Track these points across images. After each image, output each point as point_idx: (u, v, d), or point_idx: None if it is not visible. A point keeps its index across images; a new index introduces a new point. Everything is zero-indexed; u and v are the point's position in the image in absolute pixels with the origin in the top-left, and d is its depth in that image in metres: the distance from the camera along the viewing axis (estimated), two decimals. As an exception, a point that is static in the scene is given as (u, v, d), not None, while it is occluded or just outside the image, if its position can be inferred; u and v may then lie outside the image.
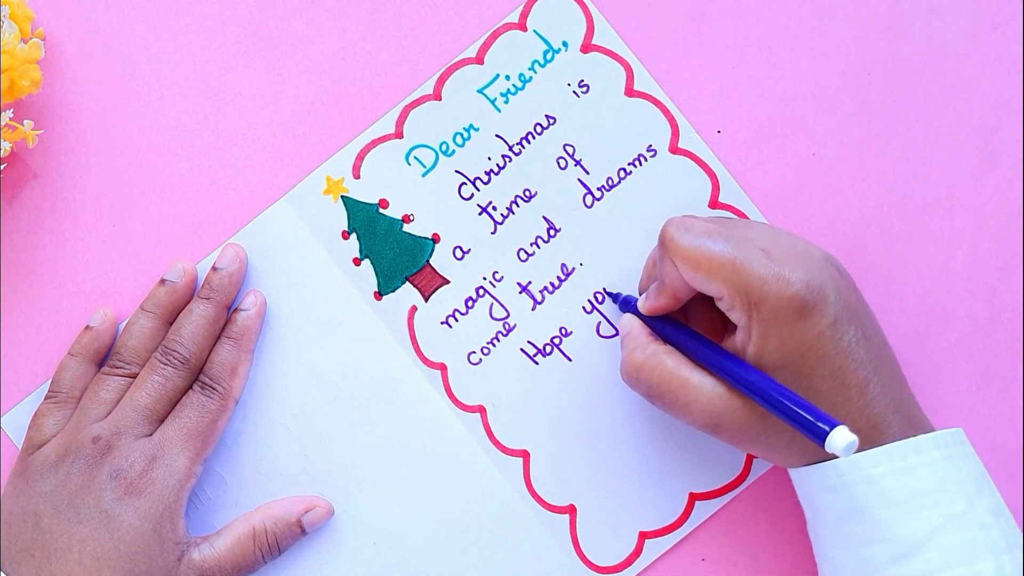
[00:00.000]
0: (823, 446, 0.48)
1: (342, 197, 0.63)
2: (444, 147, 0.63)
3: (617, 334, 0.63)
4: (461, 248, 0.63)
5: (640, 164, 0.63)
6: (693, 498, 0.63)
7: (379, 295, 0.63)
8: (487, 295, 0.63)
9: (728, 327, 0.57)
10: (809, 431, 0.49)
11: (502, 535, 0.62)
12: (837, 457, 0.53)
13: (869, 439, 0.53)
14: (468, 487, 0.63)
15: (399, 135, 0.63)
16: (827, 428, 0.48)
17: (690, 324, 0.59)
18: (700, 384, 0.54)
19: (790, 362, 0.53)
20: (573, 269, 0.63)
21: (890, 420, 0.53)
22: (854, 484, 0.53)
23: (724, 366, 0.54)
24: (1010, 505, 0.62)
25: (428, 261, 0.63)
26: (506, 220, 0.63)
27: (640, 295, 0.60)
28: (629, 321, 0.59)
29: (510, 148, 0.63)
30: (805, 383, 0.53)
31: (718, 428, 0.54)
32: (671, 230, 0.55)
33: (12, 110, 0.61)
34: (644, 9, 0.63)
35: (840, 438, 0.48)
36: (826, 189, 0.63)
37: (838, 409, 0.53)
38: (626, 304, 0.61)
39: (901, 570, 0.52)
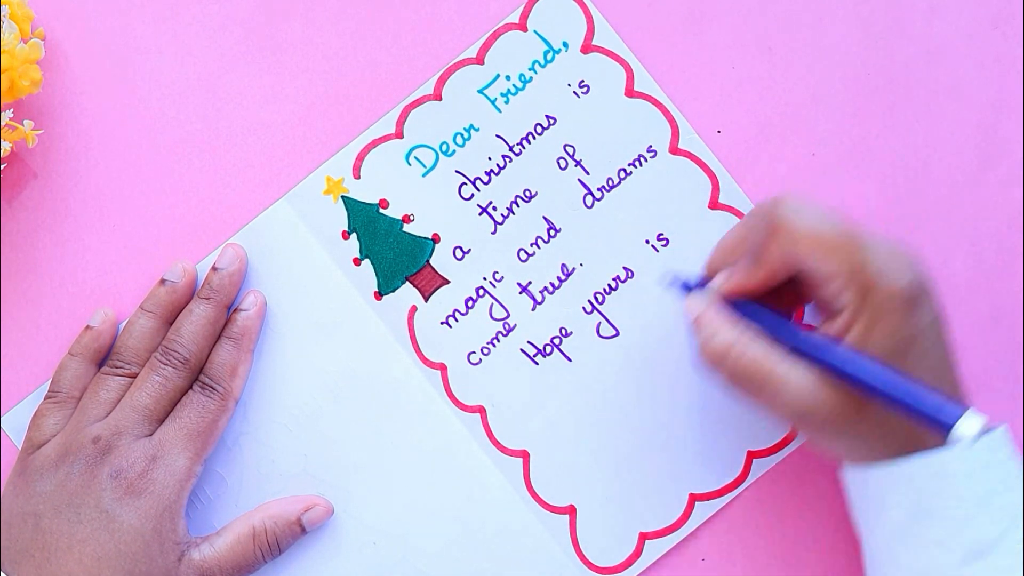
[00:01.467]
0: (946, 432, 0.48)
1: (342, 197, 0.63)
2: (444, 147, 0.63)
3: (616, 335, 0.63)
4: (461, 248, 0.63)
5: (640, 164, 0.63)
6: (693, 499, 0.63)
7: (379, 295, 0.63)
8: (487, 295, 0.63)
9: (813, 315, 0.56)
10: (931, 418, 0.48)
11: (502, 535, 0.62)
12: (913, 455, 0.52)
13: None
14: (468, 487, 0.63)
15: (399, 135, 0.63)
16: (959, 411, 0.48)
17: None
18: (789, 373, 0.53)
19: (896, 352, 0.52)
20: (573, 269, 0.63)
21: None
22: (925, 482, 0.52)
23: (826, 352, 0.52)
24: (1010, 505, 0.62)
25: (428, 261, 0.63)
26: (506, 220, 0.63)
27: (708, 278, 0.58)
28: (700, 302, 0.57)
29: (510, 148, 0.63)
30: (906, 376, 0.52)
31: (806, 419, 0.53)
32: (788, 205, 0.53)
33: (12, 110, 0.61)
34: (644, 9, 0.63)
35: (970, 424, 0.47)
36: (826, 189, 0.63)
37: None
38: (687, 287, 0.58)
39: (973, 570, 0.51)
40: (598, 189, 0.63)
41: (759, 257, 0.55)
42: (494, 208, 0.63)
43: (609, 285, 0.63)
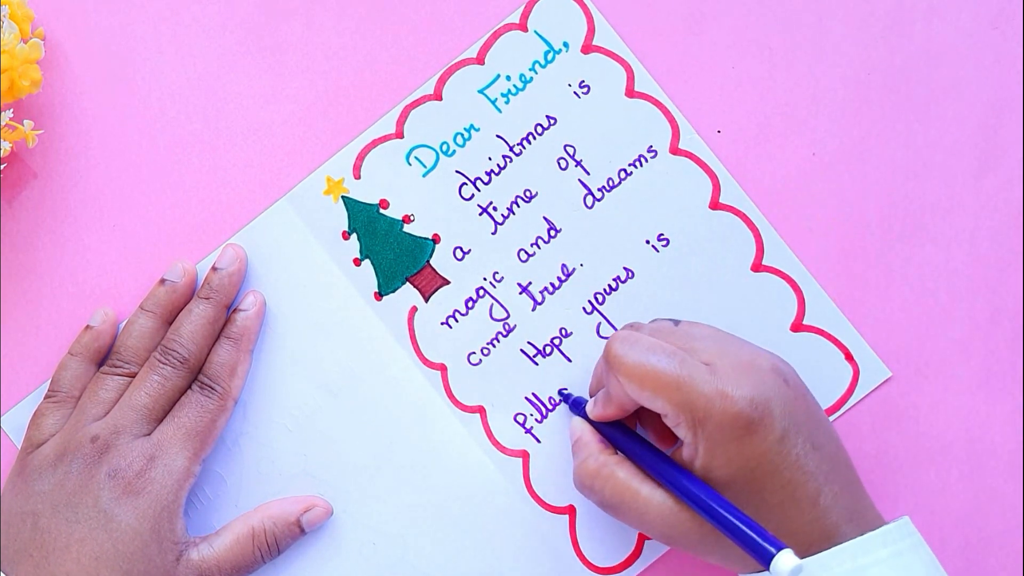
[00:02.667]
0: (767, 568, 0.48)
1: (342, 197, 0.63)
2: (445, 147, 0.63)
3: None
4: (461, 248, 0.63)
5: (641, 165, 0.63)
6: (693, 499, 0.63)
7: (379, 295, 0.63)
8: (487, 295, 0.63)
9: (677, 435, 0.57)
10: (755, 552, 0.49)
11: (502, 535, 0.62)
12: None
13: (822, 547, 0.52)
14: (468, 487, 0.63)
15: (400, 135, 0.63)
16: (773, 551, 0.48)
17: (643, 426, 0.59)
18: (651, 496, 0.54)
19: (739, 478, 0.53)
20: (573, 270, 0.63)
21: (844, 528, 0.53)
22: None
23: (673, 480, 0.53)
24: (1011, 505, 0.62)
25: (428, 261, 0.63)
26: (506, 220, 0.63)
27: (590, 396, 0.61)
28: (579, 426, 0.59)
29: (511, 148, 0.63)
30: (756, 498, 0.53)
31: (671, 539, 0.54)
32: (615, 346, 0.55)
33: (12, 110, 0.61)
34: (644, 10, 0.63)
35: (785, 562, 0.48)
36: (826, 189, 0.63)
37: (791, 521, 0.53)
38: (576, 405, 0.61)
39: None
40: (598, 189, 0.63)
41: (606, 392, 0.57)
42: (494, 208, 0.63)
43: (609, 285, 0.63)
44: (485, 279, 0.63)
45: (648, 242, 0.63)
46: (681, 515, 0.54)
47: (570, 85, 0.63)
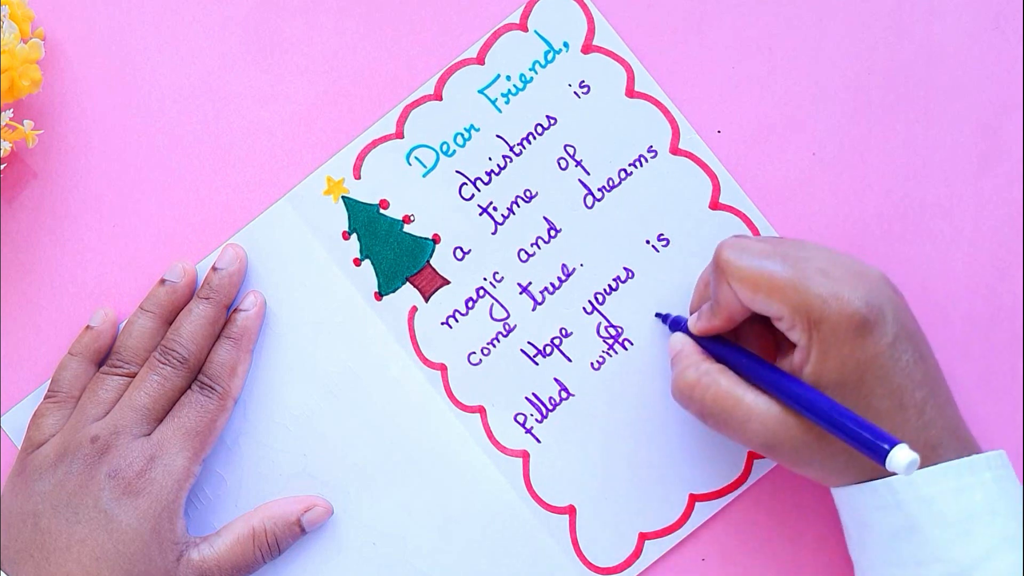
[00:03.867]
0: (884, 464, 0.48)
1: (343, 197, 0.63)
2: (445, 147, 0.63)
3: (617, 335, 0.63)
4: (461, 248, 0.63)
5: (641, 165, 0.63)
6: (693, 499, 0.63)
7: (379, 295, 0.63)
8: (487, 295, 0.63)
9: (781, 347, 0.57)
10: (869, 450, 0.49)
11: (502, 535, 0.62)
12: (891, 476, 0.53)
13: (925, 460, 0.52)
14: (468, 487, 0.63)
15: (400, 135, 0.63)
16: (888, 447, 0.48)
17: (741, 344, 0.59)
18: (755, 403, 0.54)
19: (849, 381, 0.53)
20: (574, 270, 0.63)
21: (946, 442, 0.53)
22: (909, 503, 0.52)
23: (781, 385, 0.53)
24: (1011, 505, 0.62)
25: (428, 261, 0.63)
26: (507, 220, 0.63)
27: (691, 315, 0.60)
28: (679, 340, 0.59)
29: (511, 148, 0.63)
30: (863, 403, 0.53)
31: (773, 448, 0.54)
32: (727, 252, 0.55)
33: (12, 110, 0.61)
34: (644, 10, 0.63)
35: (902, 457, 0.48)
36: (826, 189, 0.63)
37: (897, 430, 0.52)
38: (676, 324, 0.61)
39: None
40: (598, 189, 0.63)
41: (715, 301, 0.57)
42: (494, 208, 0.63)
43: (609, 285, 0.63)
44: (485, 279, 0.63)
45: (648, 242, 0.63)
46: (787, 421, 0.53)
47: (570, 85, 0.63)
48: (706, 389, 0.55)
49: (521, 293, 0.63)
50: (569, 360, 0.63)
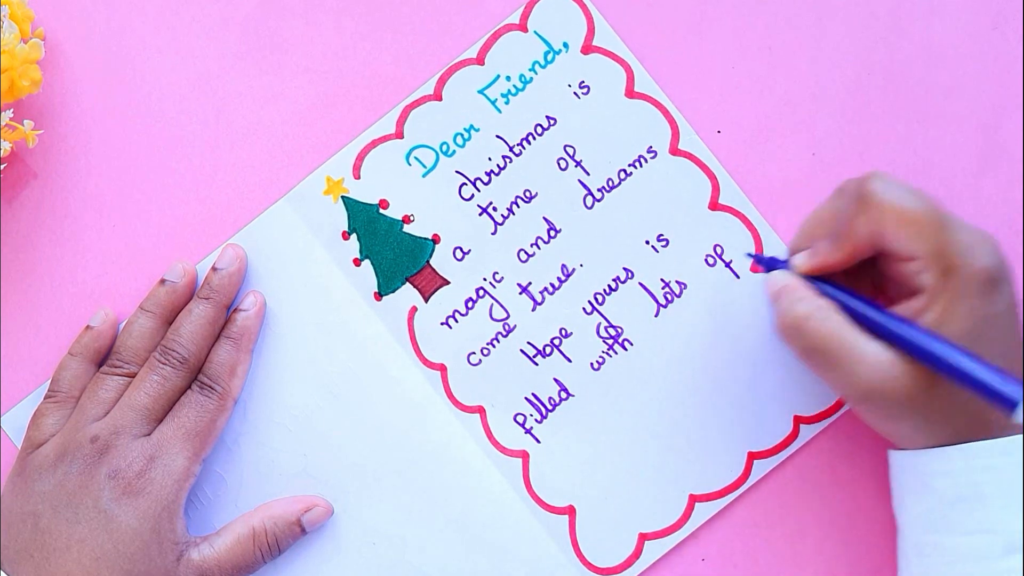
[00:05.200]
0: (1011, 414, 0.48)
1: (342, 197, 0.63)
2: (445, 147, 0.63)
3: (617, 336, 0.63)
4: (461, 249, 0.63)
5: (640, 165, 0.63)
6: (693, 500, 0.62)
7: (379, 296, 0.63)
8: (487, 296, 0.63)
9: (888, 295, 0.56)
10: (996, 396, 0.48)
11: (502, 536, 0.62)
12: (967, 443, 0.52)
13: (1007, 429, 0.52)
14: (468, 487, 0.63)
15: (399, 135, 0.63)
16: (1017, 397, 0.48)
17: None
18: (867, 348, 0.53)
19: (971, 333, 0.52)
20: (573, 270, 0.63)
21: None
22: (978, 471, 0.52)
23: (902, 330, 0.52)
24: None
25: (428, 262, 0.63)
26: (506, 221, 0.63)
27: (791, 256, 0.58)
28: (783, 277, 0.57)
29: (511, 149, 0.63)
30: (983, 355, 0.52)
31: (874, 397, 0.53)
32: (876, 183, 0.54)
33: (12, 110, 0.61)
34: (644, 10, 0.63)
35: None
36: (826, 189, 0.62)
37: None
38: (773, 264, 0.59)
39: (1009, 564, 0.51)
40: (598, 190, 0.63)
41: (845, 233, 0.55)
42: (494, 208, 0.63)
43: (609, 286, 0.63)
44: (485, 279, 0.63)
45: (648, 242, 0.63)
46: (896, 369, 0.52)
47: (570, 85, 0.63)
48: (819, 324, 0.53)
49: (521, 293, 0.63)
50: (569, 360, 0.63)
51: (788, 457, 0.62)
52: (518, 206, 0.63)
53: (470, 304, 0.63)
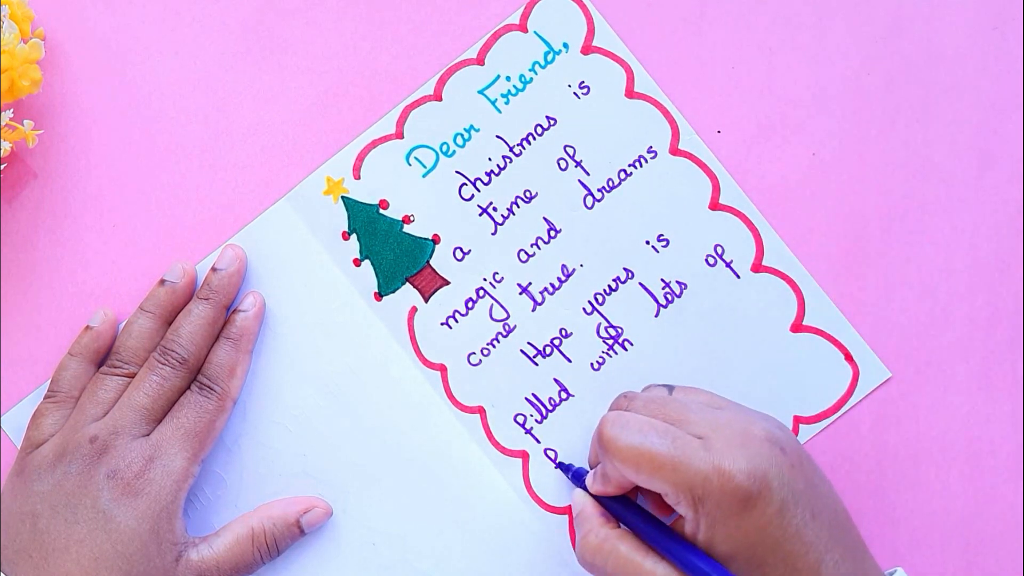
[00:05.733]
0: None
1: (342, 198, 0.63)
2: (445, 148, 0.63)
3: (617, 336, 0.63)
4: (461, 249, 0.63)
5: (640, 165, 0.63)
6: (693, 500, 0.62)
7: (379, 296, 0.63)
8: (487, 296, 0.63)
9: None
10: None
11: (501, 535, 0.62)
12: None
13: None
14: (468, 488, 0.63)
15: (400, 135, 0.63)
16: None
17: (643, 496, 0.59)
18: (654, 570, 0.54)
19: (741, 552, 0.52)
20: (573, 270, 0.63)
21: None
22: None
23: (677, 555, 0.53)
24: (1011, 505, 0.62)
25: (428, 262, 0.63)
26: (506, 221, 0.63)
27: (590, 467, 0.61)
28: (581, 499, 0.59)
29: (511, 149, 0.63)
30: (758, 571, 0.52)
31: None
32: (608, 429, 0.55)
33: (12, 110, 0.61)
34: (644, 10, 0.63)
35: None
36: (826, 189, 0.63)
37: None
38: (577, 478, 0.61)
39: None
40: (598, 190, 0.63)
41: (603, 472, 0.57)
42: (494, 209, 0.63)
43: (609, 286, 0.63)
44: (485, 279, 0.63)
45: (648, 242, 0.63)
46: None
47: (570, 86, 0.63)
48: (607, 556, 0.55)
49: (521, 293, 0.63)
50: (569, 360, 0.63)
51: (788, 457, 0.62)
52: (518, 206, 0.63)
53: (470, 304, 0.63)
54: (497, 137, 0.63)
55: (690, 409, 0.56)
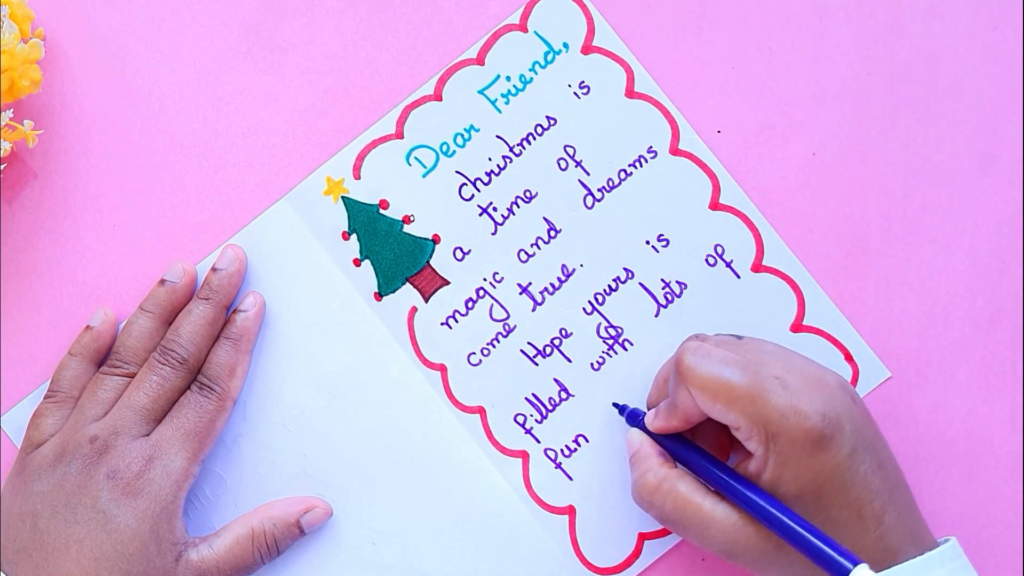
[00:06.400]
0: None
1: (342, 198, 0.63)
2: (445, 148, 0.63)
3: (617, 336, 0.63)
4: (461, 249, 0.63)
5: (640, 165, 0.63)
6: (693, 500, 0.62)
7: (379, 296, 0.63)
8: (487, 296, 0.63)
9: (736, 447, 0.57)
10: (829, 567, 0.49)
11: (502, 536, 0.62)
12: None
13: (884, 564, 0.52)
14: (468, 488, 0.62)
15: (400, 135, 0.63)
16: (849, 565, 0.49)
17: (696, 440, 0.59)
18: (714, 510, 0.54)
19: (807, 493, 0.53)
20: (573, 270, 0.63)
21: (905, 548, 0.53)
22: None
23: (741, 495, 0.53)
24: (1011, 505, 0.62)
25: (428, 262, 0.63)
26: (506, 221, 0.63)
27: (648, 409, 0.60)
28: (637, 439, 0.59)
29: (511, 149, 0.63)
30: (822, 514, 0.53)
31: (732, 555, 0.54)
32: (688, 358, 0.55)
33: (12, 110, 0.61)
34: (644, 10, 0.63)
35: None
36: (826, 189, 0.63)
37: (855, 540, 0.52)
38: (633, 417, 0.61)
39: None
40: (598, 190, 0.63)
41: (673, 403, 0.56)
42: (494, 209, 0.63)
43: (609, 286, 0.63)
44: (485, 279, 0.63)
45: (648, 242, 0.63)
46: (745, 529, 0.53)
47: (570, 86, 0.63)
48: (666, 495, 0.55)
49: (521, 293, 0.63)
50: (569, 360, 0.63)
51: (788, 457, 0.62)
52: (518, 206, 0.63)
53: (470, 304, 0.63)
54: (497, 137, 0.63)
55: (764, 352, 0.56)
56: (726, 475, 0.54)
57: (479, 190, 0.63)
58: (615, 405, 0.62)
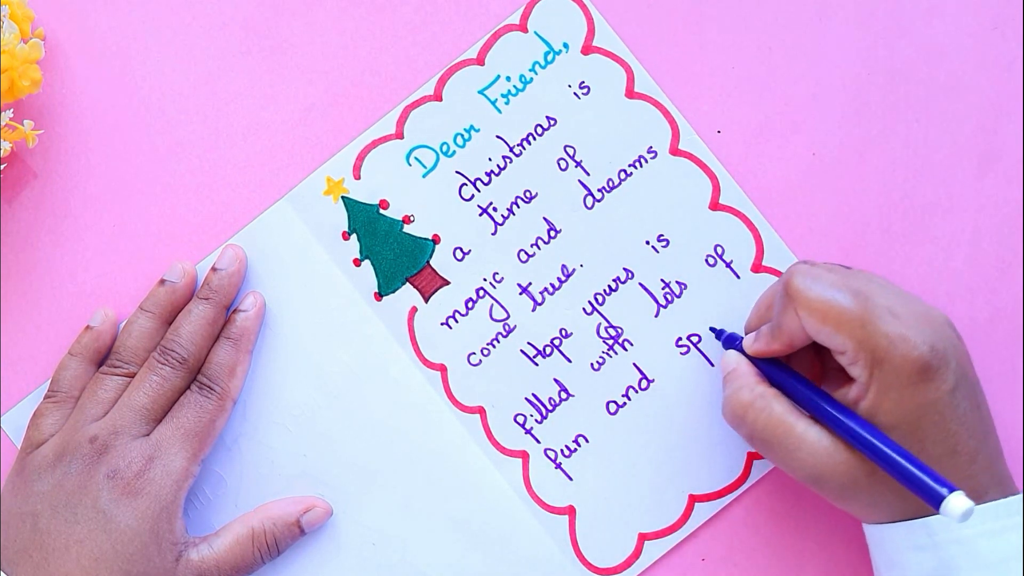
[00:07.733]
0: (938, 510, 0.48)
1: (342, 198, 0.63)
2: (445, 148, 0.63)
3: (617, 336, 0.63)
4: (461, 249, 0.63)
5: (640, 165, 0.63)
6: (693, 500, 0.62)
7: (379, 296, 0.63)
8: (487, 296, 0.63)
9: (829, 376, 0.57)
10: (925, 493, 0.49)
11: (501, 536, 0.62)
12: (930, 516, 0.53)
13: None
14: (467, 488, 0.62)
15: (400, 136, 0.63)
16: (946, 492, 0.49)
17: (791, 368, 0.58)
18: (806, 433, 0.54)
19: (905, 423, 0.52)
20: (573, 270, 0.63)
21: (992, 491, 0.53)
22: (946, 544, 0.52)
23: (838, 420, 0.53)
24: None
25: (428, 262, 0.63)
26: (506, 221, 0.63)
27: (746, 334, 0.60)
28: (735, 359, 0.59)
29: (511, 149, 0.63)
30: (917, 446, 0.52)
31: (820, 480, 0.54)
32: (799, 279, 0.54)
33: (12, 110, 0.61)
34: (644, 10, 0.63)
35: (958, 504, 0.48)
36: (826, 189, 0.63)
37: (946, 475, 0.52)
38: (730, 341, 0.60)
39: None
40: (598, 190, 0.63)
41: (778, 325, 0.56)
42: (494, 209, 0.63)
43: (609, 286, 0.63)
44: (485, 279, 0.63)
45: (648, 242, 0.63)
46: (837, 454, 0.53)
47: (570, 86, 0.63)
48: (759, 412, 0.55)
49: (521, 294, 0.63)
50: (569, 361, 0.63)
51: (788, 457, 0.62)
52: (518, 206, 0.63)
53: (470, 304, 0.63)
54: (497, 137, 0.63)
55: (874, 282, 0.56)
56: (822, 399, 0.54)
57: (479, 190, 0.63)
58: (712, 329, 0.62)
